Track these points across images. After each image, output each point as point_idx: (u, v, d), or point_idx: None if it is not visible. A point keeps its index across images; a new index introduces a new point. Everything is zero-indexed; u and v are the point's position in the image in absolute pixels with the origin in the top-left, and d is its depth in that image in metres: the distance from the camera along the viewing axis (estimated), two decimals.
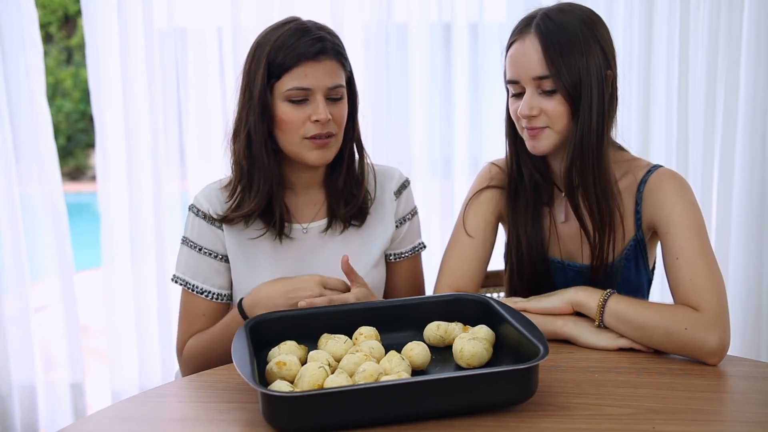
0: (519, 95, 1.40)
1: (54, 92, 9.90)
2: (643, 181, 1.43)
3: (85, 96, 9.51)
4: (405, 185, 1.60)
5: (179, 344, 1.54)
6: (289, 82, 1.39)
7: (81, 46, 9.89)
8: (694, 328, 1.26)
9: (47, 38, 10.06)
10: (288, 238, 1.50)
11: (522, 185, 1.51)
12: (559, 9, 1.40)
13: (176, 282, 1.53)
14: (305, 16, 1.47)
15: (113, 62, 2.42)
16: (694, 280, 1.31)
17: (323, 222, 1.53)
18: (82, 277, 5.70)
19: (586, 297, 1.35)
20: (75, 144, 9.87)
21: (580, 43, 1.35)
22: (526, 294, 1.50)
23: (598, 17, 1.41)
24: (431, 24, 2.59)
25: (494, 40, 2.61)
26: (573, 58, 1.34)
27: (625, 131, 2.61)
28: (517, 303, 1.41)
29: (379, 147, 2.56)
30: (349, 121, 1.49)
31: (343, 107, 1.45)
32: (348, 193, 1.51)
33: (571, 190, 1.41)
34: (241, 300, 1.42)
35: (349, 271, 1.39)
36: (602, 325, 1.33)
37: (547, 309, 1.38)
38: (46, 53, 10.54)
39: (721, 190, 2.64)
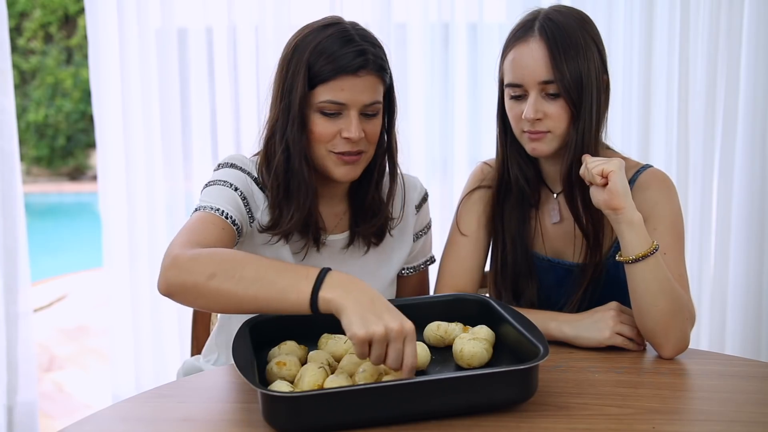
0: (519, 97, 1.40)
1: (54, 92, 9.90)
2: (632, 180, 1.43)
3: (85, 96, 9.50)
4: (425, 198, 1.55)
5: (175, 247, 1.18)
6: (323, 94, 1.30)
7: (81, 46, 9.89)
8: (690, 317, 1.31)
9: (47, 38, 10.05)
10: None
11: (510, 186, 1.51)
12: (557, 11, 1.41)
13: (196, 211, 1.31)
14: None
15: (115, 62, 2.41)
16: (677, 278, 1.34)
17: (343, 236, 1.45)
18: (83, 277, 5.73)
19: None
20: (75, 144, 9.87)
21: (582, 47, 1.36)
22: (509, 293, 1.52)
23: (589, 17, 1.43)
24: (430, 24, 2.59)
25: (493, 40, 2.60)
26: (575, 63, 1.36)
27: (626, 131, 2.62)
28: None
29: None
30: (383, 134, 1.40)
31: (377, 124, 1.36)
32: (371, 212, 1.43)
33: (571, 190, 1.42)
34: (328, 269, 1.12)
35: None
36: (632, 260, 1.26)
37: None
38: (46, 53, 10.51)
39: (721, 190, 2.64)
